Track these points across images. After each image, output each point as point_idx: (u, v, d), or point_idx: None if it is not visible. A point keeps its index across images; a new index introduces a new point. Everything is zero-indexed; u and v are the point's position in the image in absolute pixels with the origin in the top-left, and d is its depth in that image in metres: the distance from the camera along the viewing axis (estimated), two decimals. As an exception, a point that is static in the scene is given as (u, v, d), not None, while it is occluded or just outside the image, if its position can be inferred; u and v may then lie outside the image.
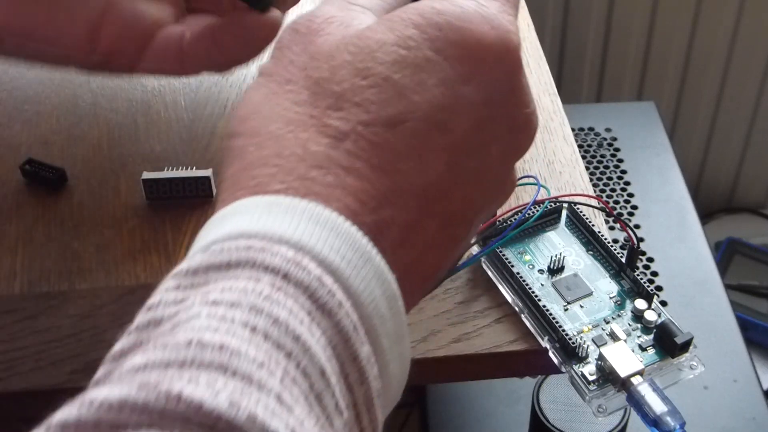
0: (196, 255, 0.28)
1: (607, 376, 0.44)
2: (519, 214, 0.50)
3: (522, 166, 0.55)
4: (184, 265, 0.28)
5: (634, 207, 0.95)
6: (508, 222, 0.49)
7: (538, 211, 0.50)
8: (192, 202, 0.53)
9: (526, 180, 0.53)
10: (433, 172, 0.31)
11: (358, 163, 0.30)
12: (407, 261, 0.31)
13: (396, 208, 0.30)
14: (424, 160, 0.31)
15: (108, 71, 0.46)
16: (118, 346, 0.26)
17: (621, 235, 0.87)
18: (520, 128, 0.33)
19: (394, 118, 0.30)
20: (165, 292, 0.27)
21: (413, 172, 0.30)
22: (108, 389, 0.24)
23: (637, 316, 0.47)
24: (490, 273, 0.49)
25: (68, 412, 0.23)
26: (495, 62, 0.32)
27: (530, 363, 0.48)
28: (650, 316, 0.47)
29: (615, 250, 0.49)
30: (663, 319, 0.47)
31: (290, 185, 0.29)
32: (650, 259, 0.89)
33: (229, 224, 0.28)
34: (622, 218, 0.60)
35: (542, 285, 0.48)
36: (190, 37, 0.45)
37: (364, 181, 0.30)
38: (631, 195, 0.96)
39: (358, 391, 0.28)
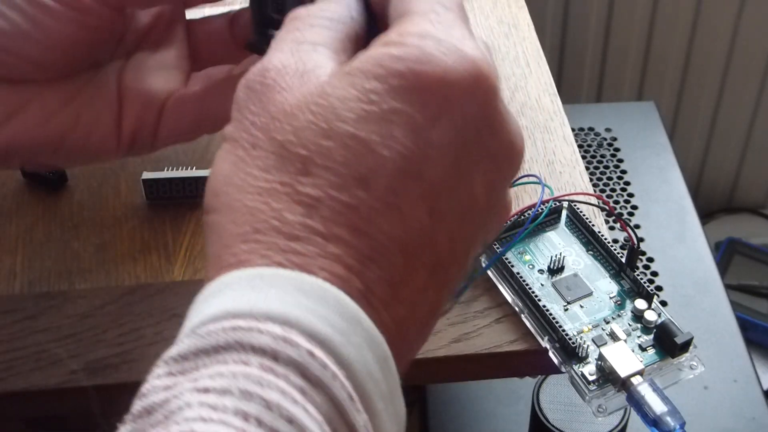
0: (184, 339, 0.28)
1: (607, 376, 0.44)
2: (523, 215, 0.50)
3: (522, 166, 0.55)
4: (173, 350, 0.27)
5: (634, 207, 0.94)
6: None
7: (544, 210, 0.50)
8: (192, 202, 0.53)
9: (527, 179, 0.53)
10: (415, 222, 0.30)
11: (336, 228, 0.29)
12: (401, 315, 0.30)
13: (381, 266, 0.29)
14: (403, 213, 0.30)
15: (133, 152, 0.46)
16: None
17: (621, 235, 0.87)
18: (504, 155, 0.32)
19: (365, 176, 0.29)
20: (156, 378, 0.27)
21: (394, 227, 0.29)
22: None
23: (637, 316, 0.47)
24: (490, 273, 0.49)
25: None
26: (464, 97, 0.30)
27: (530, 363, 0.48)
28: (650, 316, 0.47)
29: (615, 250, 0.49)
30: (663, 319, 0.47)
31: (272, 259, 0.29)
32: (650, 259, 0.89)
33: (215, 303, 0.28)
34: (622, 218, 0.60)
35: (542, 285, 0.48)
36: (201, 93, 0.45)
37: (345, 246, 0.29)
38: (631, 195, 0.96)
39: None
